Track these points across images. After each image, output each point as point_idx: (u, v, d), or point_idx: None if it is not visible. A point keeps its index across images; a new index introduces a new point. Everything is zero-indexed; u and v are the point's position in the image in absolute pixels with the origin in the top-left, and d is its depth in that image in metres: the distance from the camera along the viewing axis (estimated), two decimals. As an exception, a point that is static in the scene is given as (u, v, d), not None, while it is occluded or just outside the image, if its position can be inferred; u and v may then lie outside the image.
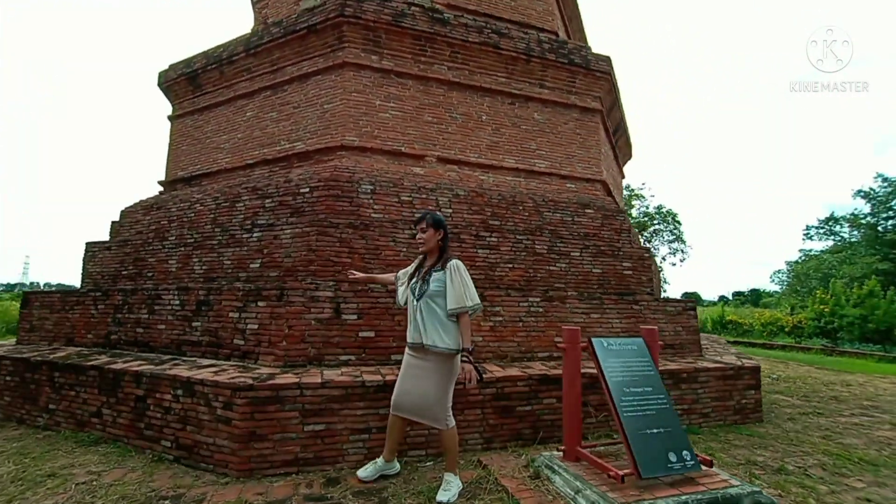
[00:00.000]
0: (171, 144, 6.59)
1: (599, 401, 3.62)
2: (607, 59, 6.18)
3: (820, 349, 14.97)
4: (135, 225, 5.92)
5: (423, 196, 4.84)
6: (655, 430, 2.52)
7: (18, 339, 5.29)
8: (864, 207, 31.02)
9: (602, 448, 2.88)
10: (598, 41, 50.87)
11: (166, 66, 6.63)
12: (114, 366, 3.62)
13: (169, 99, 6.72)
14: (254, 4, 7.77)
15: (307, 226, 4.21)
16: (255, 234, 4.51)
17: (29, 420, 4.03)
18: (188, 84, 6.39)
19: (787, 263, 36.26)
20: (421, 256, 2.90)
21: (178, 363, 3.62)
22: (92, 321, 4.74)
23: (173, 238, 5.13)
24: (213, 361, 3.66)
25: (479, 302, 2.67)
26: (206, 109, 6.25)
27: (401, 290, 2.89)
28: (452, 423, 2.64)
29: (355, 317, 3.65)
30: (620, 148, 8.38)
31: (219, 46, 6.10)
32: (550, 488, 2.55)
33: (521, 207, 5.20)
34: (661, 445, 2.47)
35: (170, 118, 6.70)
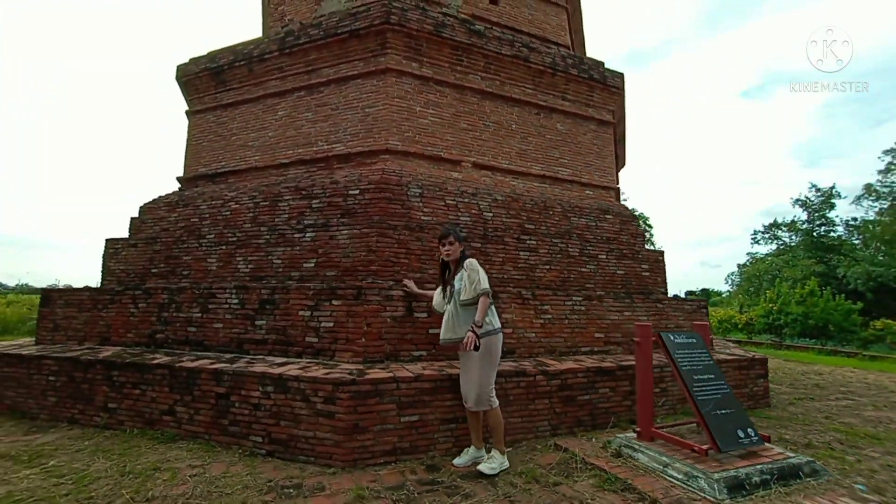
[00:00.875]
0: (190, 140, 6.45)
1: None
2: (621, 76, 6.67)
3: (769, 344, 16.51)
4: (159, 222, 5.77)
5: (466, 200, 5.10)
6: (724, 412, 2.94)
7: (38, 339, 5.07)
8: (801, 214, 34.20)
9: (667, 430, 3.27)
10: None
11: (186, 60, 6.47)
12: (187, 364, 3.64)
13: (187, 93, 6.56)
14: (267, 1, 7.69)
15: (366, 227, 4.36)
16: (307, 234, 4.60)
17: (83, 420, 3.95)
18: (211, 79, 6.28)
19: (739, 266, 39.12)
20: (444, 268, 3.28)
21: (251, 361, 3.70)
22: (132, 320, 4.65)
23: (212, 236, 5.10)
24: (287, 359, 3.76)
25: (487, 287, 3.00)
26: (231, 106, 6.17)
27: (437, 299, 3.31)
28: (496, 403, 3.01)
29: (425, 315, 3.86)
30: (619, 157, 8.97)
31: (248, 43, 6.05)
32: (637, 464, 2.91)
33: (551, 212, 5.57)
34: (730, 424, 2.88)
35: (188, 113, 6.54)
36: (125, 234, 5.89)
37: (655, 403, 3.86)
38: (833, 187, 31.95)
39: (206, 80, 6.31)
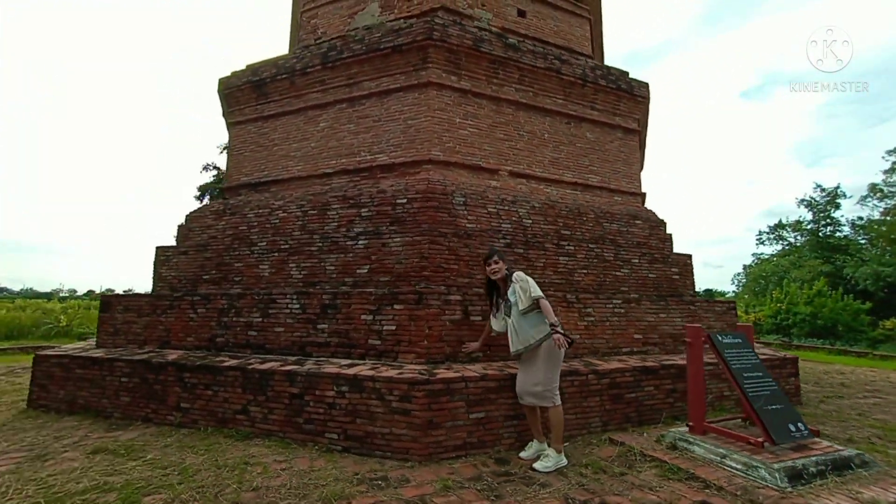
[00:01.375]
0: (231, 150, 6.70)
1: (684, 388, 4.25)
2: (646, 85, 6.90)
3: (778, 344, 16.68)
4: (206, 229, 6.01)
5: (506, 208, 5.33)
6: (774, 407, 3.15)
7: (100, 342, 5.31)
8: (807, 215, 34.38)
9: (717, 425, 3.48)
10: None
11: (228, 73, 6.73)
12: (258, 366, 3.87)
13: (227, 105, 6.80)
14: (300, 12, 7.94)
15: (417, 235, 4.59)
16: (360, 242, 4.83)
17: (157, 419, 4.18)
18: (252, 91, 6.53)
19: (744, 266, 39.27)
20: (491, 288, 3.57)
21: (318, 363, 3.92)
22: (191, 325, 4.89)
23: (264, 244, 5.34)
24: (352, 361, 3.98)
25: (540, 292, 3.29)
26: (273, 117, 6.42)
27: (498, 325, 3.52)
28: (559, 401, 3.21)
29: (480, 318, 4.08)
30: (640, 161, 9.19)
31: (291, 57, 6.29)
32: (694, 456, 3.12)
33: (585, 218, 5.79)
34: (781, 419, 3.10)
35: (229, 124, 6.79)
36: (170, 242, 6.13)
37: (721, 395, 4.08)
38: (838, 187, 32.10)
39: (247, 92, 6.56)
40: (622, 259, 5.55)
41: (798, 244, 34.33)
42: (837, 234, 31.72)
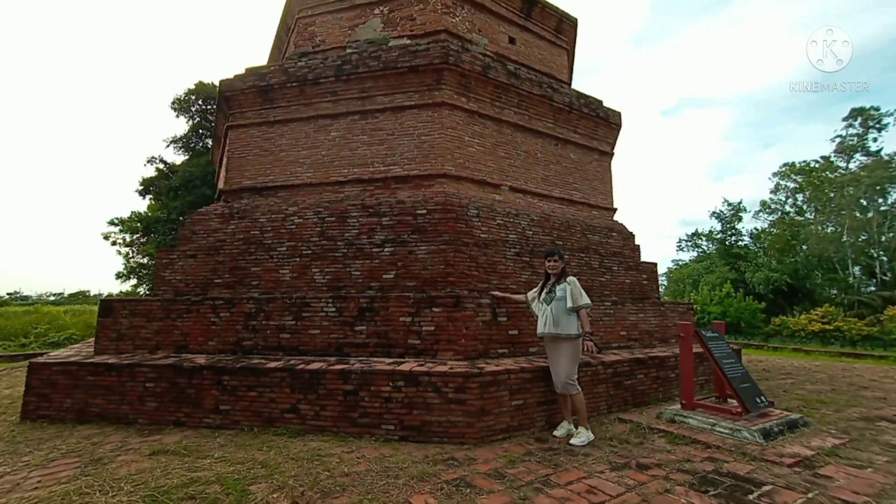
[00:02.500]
0: (232, 153, 6.64)
1: (665, 375, 5.14)
2: (619, 114, 7.91)
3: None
4: (213, 233, 5.97)
5: (511, 220, 5.95)
6: (745, 385, 4.07)
7: (99, 348, 5.12)
8: (717, 225, 39.25)
9: (702, 402, 4.34)
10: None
11: (230, 76, 6.66)
12: (309, 367, 4.11)
13: (228, 108, 6.74)
14: (294, 17, 8.00)
15: (442, 244, 5.06)
16: (386, 249, 5.19)
17: (191, 422, 4.24)
18: (258, 96, 6.55)
19: (667, 269, 43.70)
20: (546, 278, 4.14)
21: (364, 362, 4.25)
22: (214, 329, 4.93)
23: (283, 249, 5.48)
24: (393, 359, 4.35)
25: (590, 301, 3.98)
26: (279, 123, 6.49)
27: (534, 304, 4.15)
28: (579, 389, 3.88)
29: (505, 319, 4.65)
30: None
31: (301, 66, 6.41)
32: (690, 426, 3.94)
33: (573, 231, 6.59)
34: (750, 394, 4.02)
35: (229, 127, 6.73)
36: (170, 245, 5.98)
37: (675, 385, 4.98)
38: (740, 202, 36.96)
39: (251, 96, 6.57)
40: (604, 266, 6.42)
41: (709, 251, 39.09)
42: (740, 243, 36.56)
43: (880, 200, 30.58)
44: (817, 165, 32.99)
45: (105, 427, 4.29)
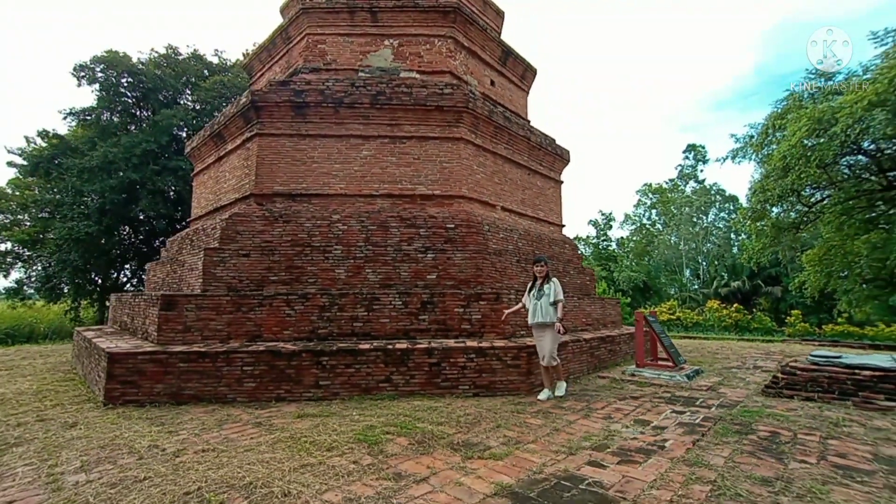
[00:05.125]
0: (262, 159, 7.16)
1: (615, 349, 7.46)
2: (568, 151, 10.21)
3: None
4: (259, 234, 6.57)
5: (508, 234, 7.72)
6: (673, 350, 6.49)
7: (162, 339, 5.51)
8: (592, 231, 46.67)
9: (649, 361, 6.64)
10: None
11: (265, 88, 7.16)
12: (399, 346, 5.34)
13: (254, 115, 7.22)
14: (300, 32, 8.61)
15: (474, 252, 6.60)
16: (429, 255, 6.53)
17: (291, 397, 5.13)
18: (291, 109, 7.20)
19: (549, 268, 50.01)
20: (534, 279, 5.94)
21: (431, 342, 5.61)
22: (288, 320, 5.76)
23: (338, 251, 6.43)
24: (452, 340, 5.78)
25: (563, 298, 5.95)
26: (312, 137, 7.26)
27: (525, 300, 5.91)
28: (559, 361, 5.79)
29: (523, 307, 6.40)
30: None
31: (337, 89, 7.24)
32: (644, 377, 6.18)
33: (542, 242, 8.63)
34: (677, 355, 6.44)
35: (260, 135, 7.23)
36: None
37: (629, 352, 7.31)
38: (611, 213, 44.50)
39: (285, 109, 7.20)
40: (564, 271, 8.59)
41: (586, 255, 46.35)
42: (610, 247, 44.08)
43: (704, 218, 39.75)
44: (667, 187, 41.45)
45: (209, 406, 4.91)
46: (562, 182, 10.25)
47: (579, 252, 9.74)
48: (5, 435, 3.90)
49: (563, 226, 10.12)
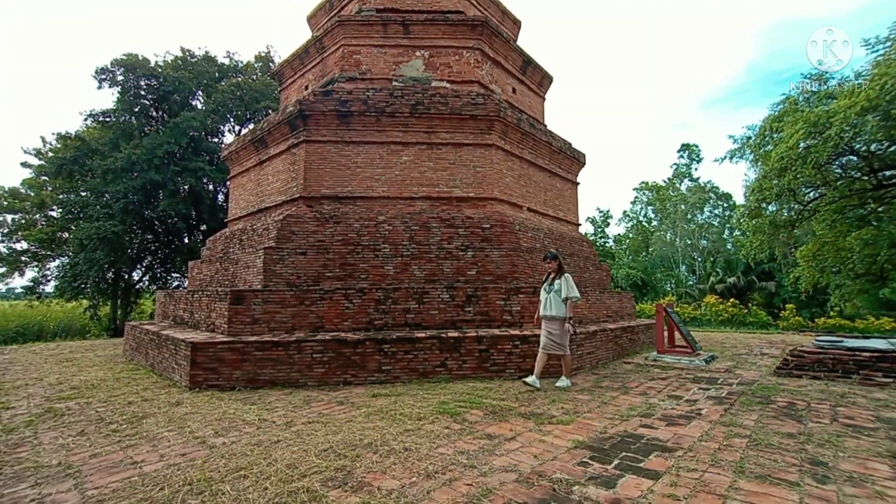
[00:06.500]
0: (309, 163, 7.71)
1: (635, 338, 8.12)
2: (584, 154, 10.84)
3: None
4: (312, 234, 7.12)
5: (535, 233, 8.34)
6: (691, 337, 7.15)
7: (232, 331, 6.05)
8: (591, 228, 47.54)
9: (668, 348, 7.31)
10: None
11: (311, 97, 7.70)
12: (452, 334, 5.94)
13: (301, 123, 7.76)
14: (335, 43, 9.14)
15: (509, 250, 7.21)
16: (469, 252, 7.13)
17: (356, 381, 5.71)
18: (336, 118, 7.75)
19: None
20: (548, 274, 6.56)
21: (477, 331, 6.22)
22: (347, 312, 6.33)
23: (387, 249, 7.01)
24: (496, 329, 6.39)
25: (579, 295, 6.52)
26: (355, 144, 7.81)
27: (542, 294, 6.48)
28: (568, 352, 6.36)
29: (556, 302, 7.02)
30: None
31: (378, 98, 7.79)
32: (665, 362, 6.84)
33: (564, 240, 9.26)
34: (694, 342, 7.11)
35: (307, 141, 7.76)
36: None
37: (646, 341, 7.96)
38: (608, 210, 45.38)
39: (330, 117, 7.74)
40: (584, 267, 9.24)
41: (583, 251, 47.25)
42: (608, 244, 44.97)
43: (699, 215, 40.69)
44: (663, 184, 42.36)
45: (284, 389, 5.48)
46: (578, 183, 10.90)
47: (595, 249, 10.40)
48: (125, 411, 4.45)
49: (580, 225, 10.76)
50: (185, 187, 16.52)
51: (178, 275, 19.72)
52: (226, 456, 3.19)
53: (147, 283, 19.91)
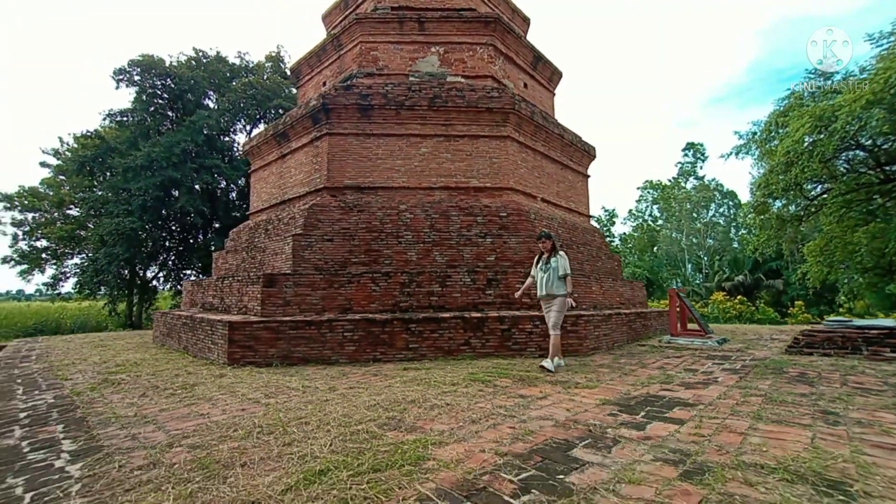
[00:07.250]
0: (332, 155, 8.02)
1: (648, 323, 8.36)
2: (594, 147, 11.11)
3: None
4: (338, 221, 7.43)
5: (549, 222, 8.60)
6: (704, 320, 7.40)
7: (265, 312, 6.35)
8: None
9: (682, 331, 7.55)
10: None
11: (333, 91, 8.01)
12: (475, 314, 6.21)
13: (324, 117, 8.07)
14: (352, 40, 9.46)
15: (526, 237, 7.48)
16: (488, 239, 7.41)
17: (385, 358, 5.99)
18: (357, 111, 8.06)
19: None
20: (540, 254, 6.75)
21: (498, 312, 6.49)
22: (374, 294, 6.62)
23: (409, 236, 7.30)
24: (515, 312, 6.66)
25: (571, 271, 6.74)
26: (376, 136, 8.11)
27: (533, 273, 6.67)
28: (559, 332, 6.56)
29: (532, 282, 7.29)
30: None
31: (398, 93, 8.10)
32: (680, 343, 7.08)
33: (577, 231, 9.53)
34: (706, 325, 7.36)
35: (330, 134, 8.07)
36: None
37: (658, 327, 8.21)
38: (614, 210, 45.54)
39: (352, 111, 8.05)
40: (597, 256, 9.49)
41: (588, 250, 47.48)
42: (613, 244, 45.13)
43: (705, 213, 40.74)
44: (668, 183, 42.49)
45: (317, 365, 5.76)
46: (589, 176, 11.16)
47: (605, 240, 10.64)
48: (175, 381, 4.75)
49: (591, 216, 11.02)
50: (200, 186, 16.90)
51: (191, 272, 20.10)
52: (282, 410, 3.47)
53: (162, 280, 20.32)
